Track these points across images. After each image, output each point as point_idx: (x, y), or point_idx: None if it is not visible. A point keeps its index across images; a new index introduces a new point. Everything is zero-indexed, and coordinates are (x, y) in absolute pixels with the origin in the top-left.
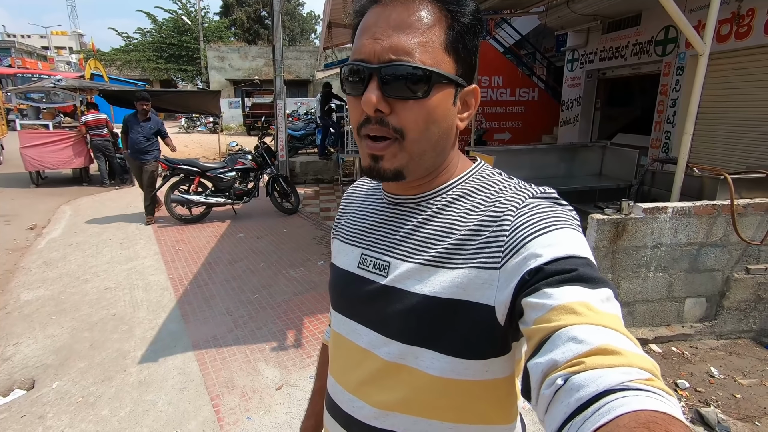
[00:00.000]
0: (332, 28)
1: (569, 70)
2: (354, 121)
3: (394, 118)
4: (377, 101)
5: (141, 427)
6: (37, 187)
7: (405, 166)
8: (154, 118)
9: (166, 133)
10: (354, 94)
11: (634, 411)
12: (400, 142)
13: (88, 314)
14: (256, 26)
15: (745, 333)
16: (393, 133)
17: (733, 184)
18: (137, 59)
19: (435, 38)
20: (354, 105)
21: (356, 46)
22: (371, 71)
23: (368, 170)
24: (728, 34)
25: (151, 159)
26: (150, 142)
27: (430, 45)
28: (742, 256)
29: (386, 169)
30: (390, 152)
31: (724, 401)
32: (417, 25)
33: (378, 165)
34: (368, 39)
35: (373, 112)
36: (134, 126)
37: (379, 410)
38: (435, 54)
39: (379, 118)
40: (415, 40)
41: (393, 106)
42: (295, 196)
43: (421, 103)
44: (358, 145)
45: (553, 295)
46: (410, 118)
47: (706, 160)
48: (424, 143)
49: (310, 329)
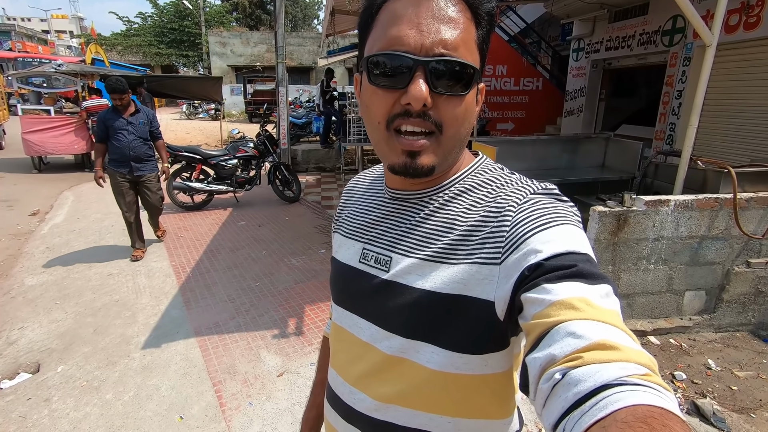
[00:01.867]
0: (335, 15)
1: (574, 59)
2: (382, 115)
3: (435, 112)
4: (428, 95)
5: (144, 411)
6: (39, 172)
7: (439, 162)
8: (143, 109)
9: (159, 132)
10: (388, 87)
11: (632, 406)
12: (437, 138)
13: (92, 300)
14: (258, 11)
15: (744, 326)
16: (434, 127)
17: (736, 178)
18: (138, 44)
19: (472, 35)
20: (384, 97)
21: (391, 35)
22: (420, 63)
23: (402, 167)
24: (737, 24)
25: (150, 171)
26: (147, 144)
27: (469, 42)
28: (743, 250)
29: (424, 165)
30: (428, 148)
31: (721, 393)
32: (459, 21)
33: (415, 161)
34: (411, 29)
35: (421, 106)
36: (118, 126)
37: (379, 402)
38: (473, 51)
39: (422, 112)
40: (459, 36)
41: (435, 101)
42: (297, 184)
43: (461, 99)
44: (384, 141)
45: (552, 291)
46: (450, 114)
47: (711, 153)
48: (456, 139)
49: (311, 317)
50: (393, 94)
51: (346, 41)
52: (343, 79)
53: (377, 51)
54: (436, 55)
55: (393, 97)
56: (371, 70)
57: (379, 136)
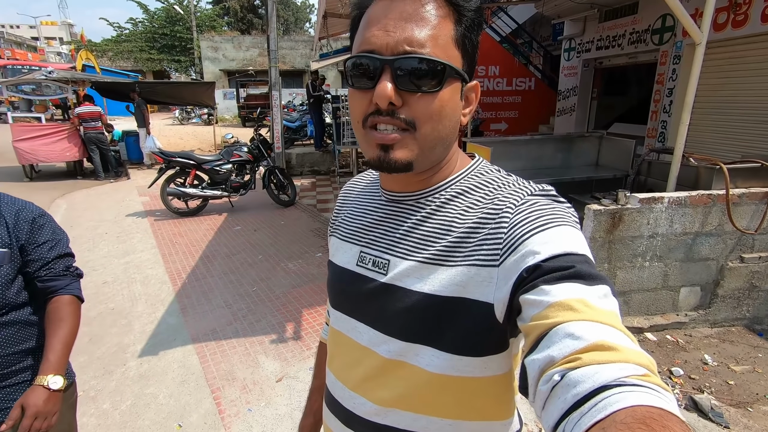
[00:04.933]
0: (328, 18)
1: (566, 59)
2: (359, 114)
3: (406, 110)
4: (392, 93)
5: (143, 420)
6: (31, 180)
7: (415, 158)
8: None
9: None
10: (361, 87)
11: (631, 407)
12: (411, 134)
13: (86, 308)
14: (250, 15)
15: (739, 320)
16: (404, 125)
17: (728, 174)
18: (129, 50)
19: (445, 32)
20: (359, 98)
21: (363, 38)
22: (384, 63)
23: (377, 161)
24: (725, 22)
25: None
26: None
27: (441, 39)
28: (736, 245)
29: (397, 159)
30: (401, 143)
31: (718, 388)
32: (428, 19)
33: (388, 155)
34: (379, 30)
35: (386, 104)
36: None
37: (379, 407)
38: (446, 48)
39: (390, 111)
40: (428, 33)
41: (405, 99)
42: (292, 188)
43: (434, 96)
44: (362, 137)
45: (551, 292)
46: (423, 111)
47: (702, 150)
48: (435, 136)
49: (309, 321)
50: (366, 94)
51: (338, 44)
52: (336, 82)
53: (353, 54)
54: (401, 53)
55: (367, 97)
56: (348, 72)
57: (359, 135)
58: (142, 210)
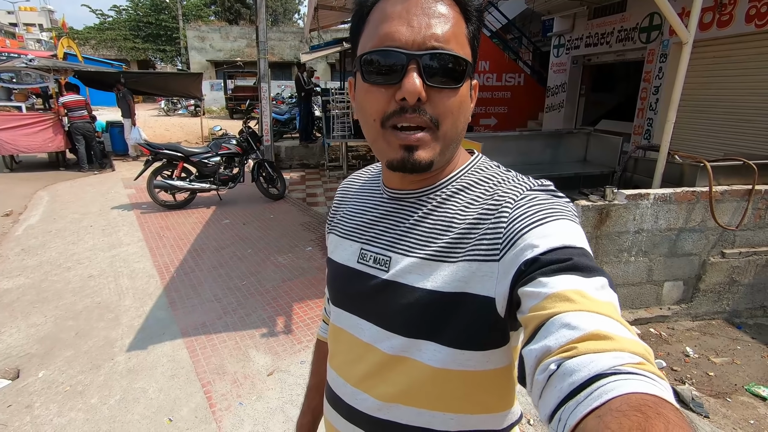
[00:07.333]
0: (319, 10)
1: (555, 55)
2: (376, 112)
3: (430, 107)
4: (422, 88)
5: (132, 414)
6: (11, 171)
7: (437, 156)
8: None
9: None
10: (380, 83)
11: (626, 394)
12: (434, 132)
13: (72, 303)
14: (237, 5)
15: (719, 314)
16: (430, 122)
17: (712, 172)
18: (113, 38)
19: (462, 30)
20: (377, 94)
21: (383, 33)
22: (413, 58)
23: (400, 163)
24: (711, 22)
25: None
26: None
27: (460, 36)
28: (718, 241)
29: (422, 160)
30: (426, 142)
31: (698, 379)
32: (449, 16)
33: (413, 156)
34: (403, 26)
35: (415, 100)
36: None
37: (382, 402)
38: (464, 46)
39: (417, 107)
40: (450, 30)
41: (429, 95)
42: (282, 181)
43: (455, 93)
44: (380, 137)
45: (548, 284)
46: (445, 107)
47: (685, 147)
48: (454, 132)
49: (300, 315)
50: (387, 90)
51: (328, 36)
52: (325, 74)
53: (370, 49)
54: (429, 48)
55: (388, 93)
56: (365, 68)
57: (375, 134)
58: (128, 203)
